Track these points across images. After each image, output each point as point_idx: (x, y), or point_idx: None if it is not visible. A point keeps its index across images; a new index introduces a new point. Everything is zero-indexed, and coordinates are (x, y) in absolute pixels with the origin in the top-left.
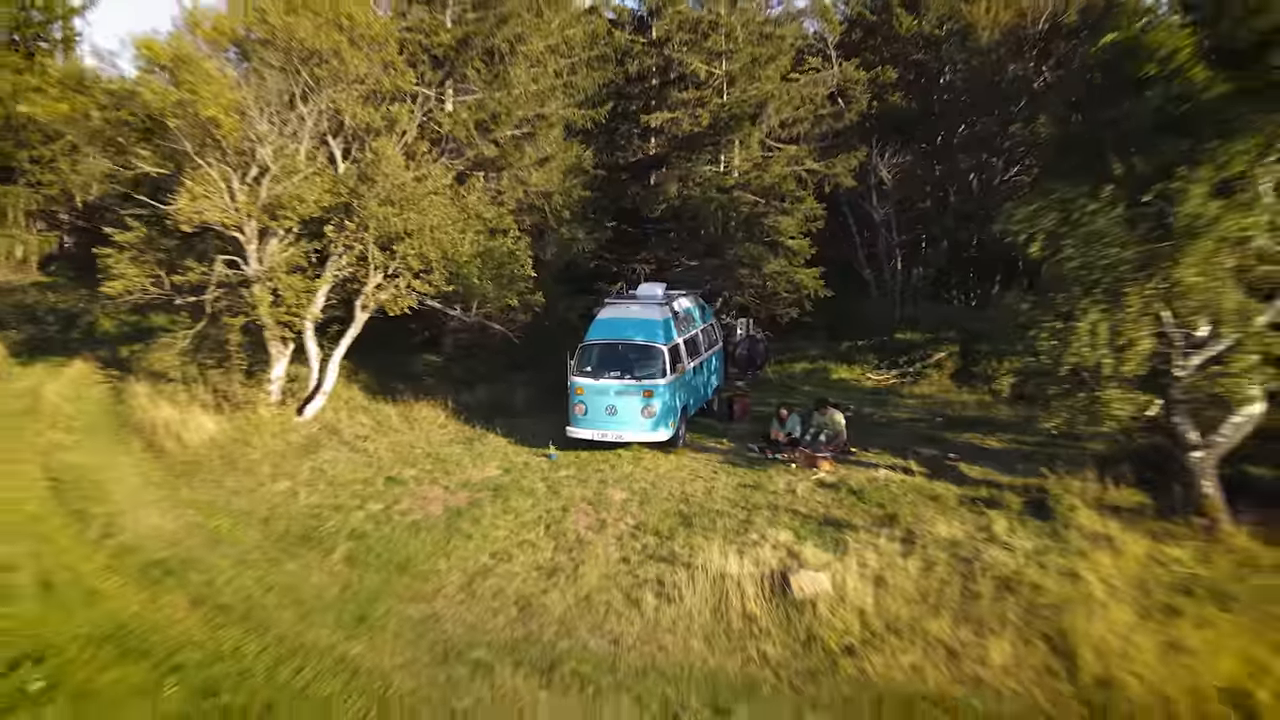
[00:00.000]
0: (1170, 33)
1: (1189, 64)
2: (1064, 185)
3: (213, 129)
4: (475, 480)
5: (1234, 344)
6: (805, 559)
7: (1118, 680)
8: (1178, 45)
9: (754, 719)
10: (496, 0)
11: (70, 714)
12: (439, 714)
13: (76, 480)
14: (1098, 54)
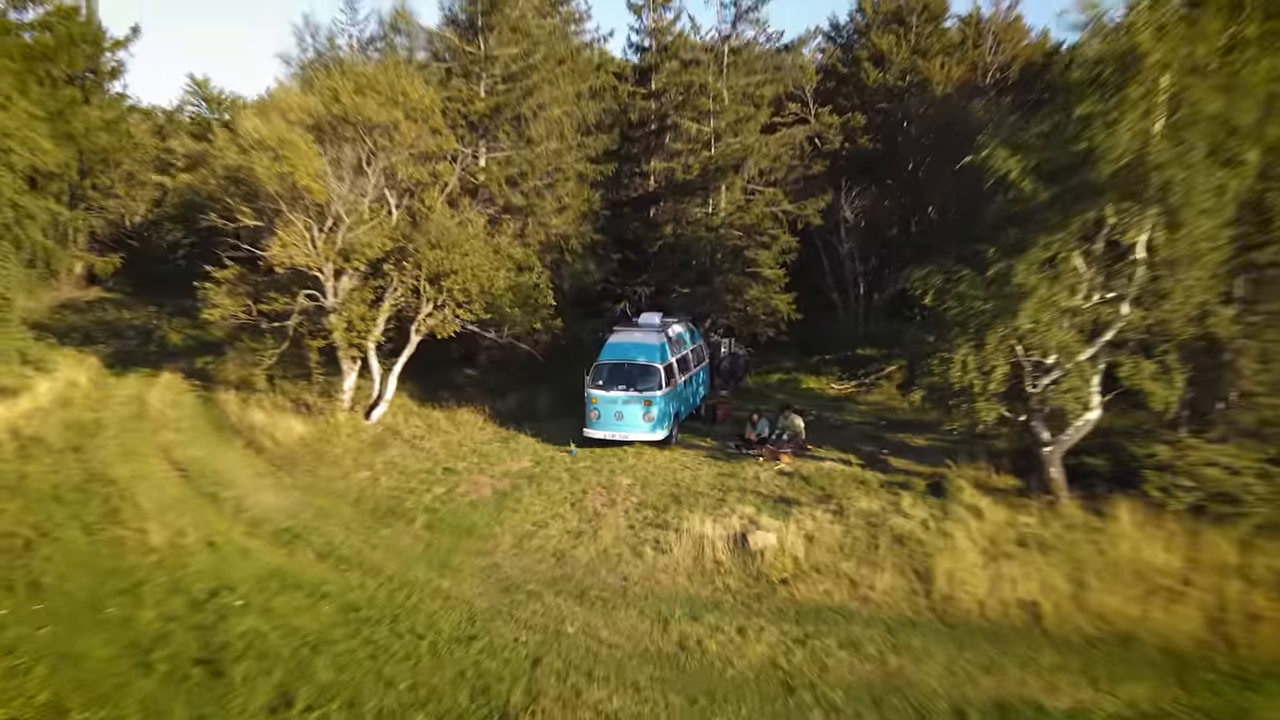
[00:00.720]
0: (1005, 158)
1: (1019, 179)
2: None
3: (303, 192)
4: (513, 470)
5: (1065, 371)
6: (760, 524)
7: (956, 596)
8: (1010, 167)
9: (717, 621)
10: (522, 75)
11: (264, 621)
12: (509, 619)
13: (200, 471)
14: (964, 167)
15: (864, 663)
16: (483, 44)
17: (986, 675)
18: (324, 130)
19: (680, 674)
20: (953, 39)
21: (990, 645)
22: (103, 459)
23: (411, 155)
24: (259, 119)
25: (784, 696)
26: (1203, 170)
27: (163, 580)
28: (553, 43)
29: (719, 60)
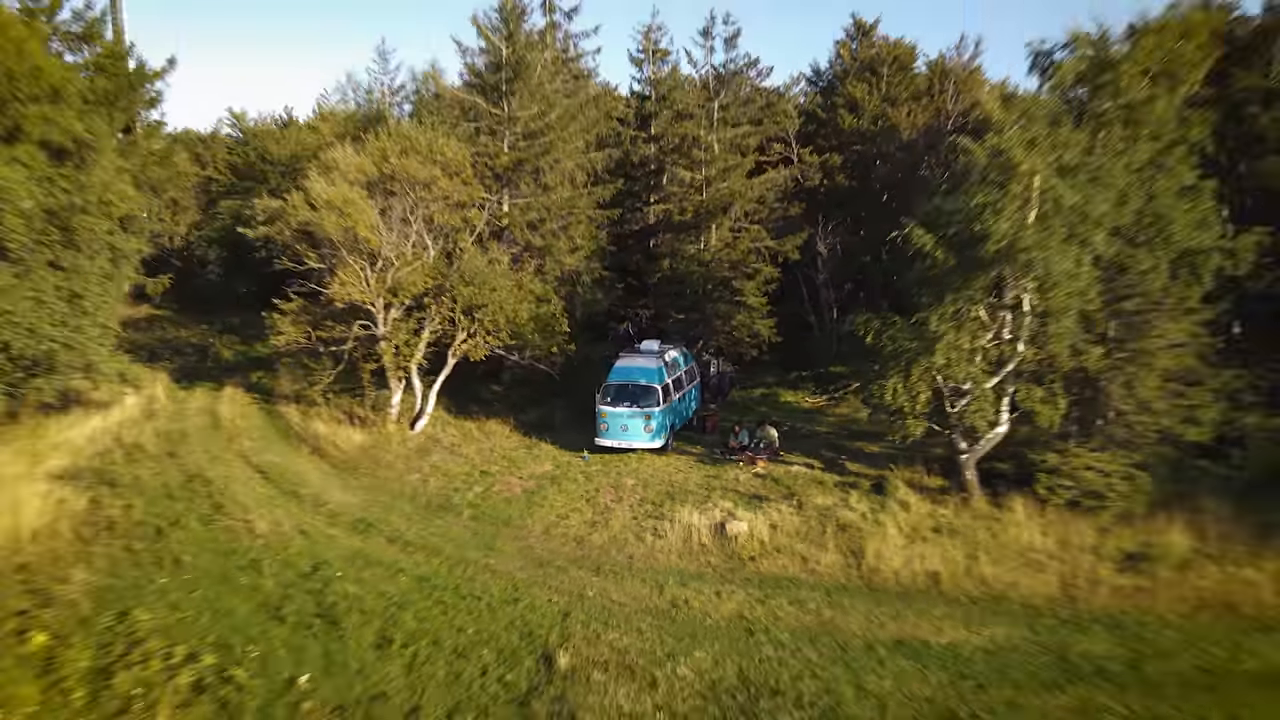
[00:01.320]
0: (922, 235)
1: (934, 249)
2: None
3: (360, 240)
4: (537, 473)
5: (975, 396)
6: (736, 515)
7: (879, 569)
8: (926, 242)
9: (700, 587)
10: (540, 133)
11: (358, 587)
12: (543, 586)
13: (278, 473)
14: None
15: (806, 615)
16: (506, 107)
17: (893, 622)
18: (374, 186)
19: (672, 623)
20: (920, 85)
21: (899, 602)
22: (196, 463)
23: (446, 204)
24: (323, 180)
25: (746, 637)
26: (1059, 250)
27: (273, 559)
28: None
29: (710, 115)
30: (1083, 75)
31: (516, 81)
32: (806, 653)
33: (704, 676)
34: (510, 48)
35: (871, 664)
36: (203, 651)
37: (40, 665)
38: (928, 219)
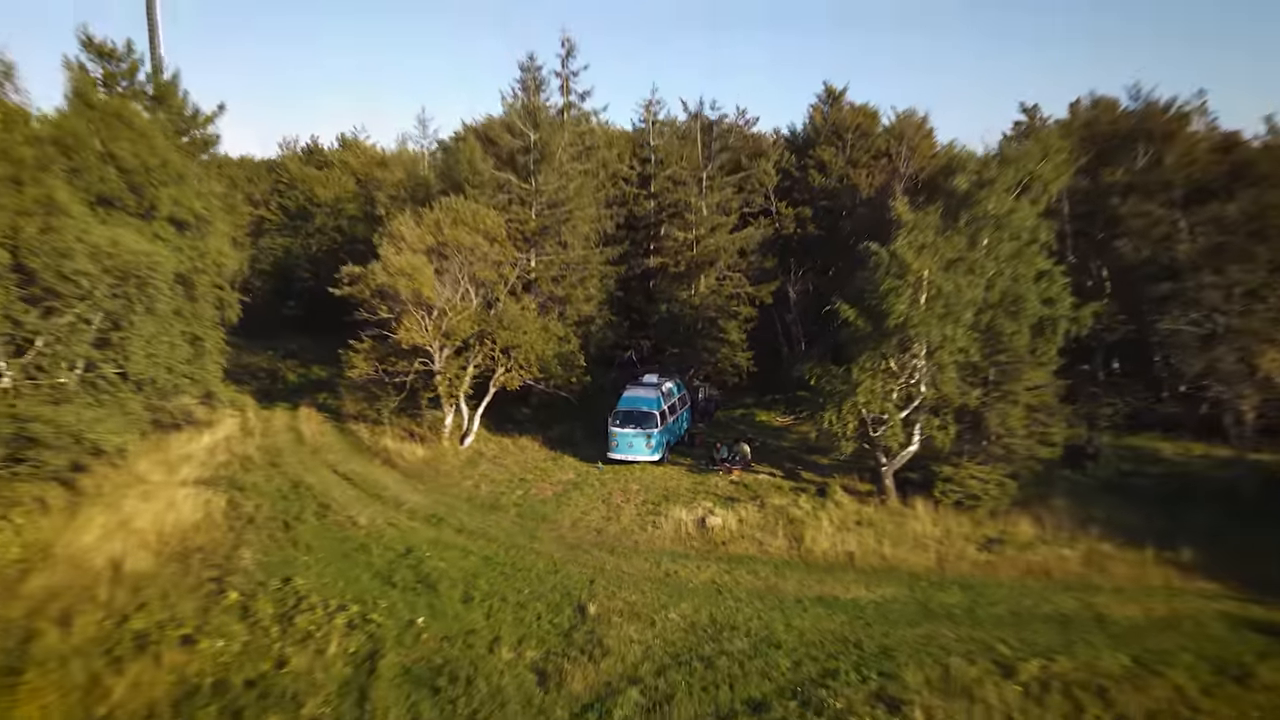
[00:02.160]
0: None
1: (855, 319)
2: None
3: (423, 297)
4: (563, 480)
5: (890, 424)
6: (714, 512)
7: (813, 550)
8: (850, 315)
9: (685, 563)
10: (561, 203)
11: (443, 564)
12: (574, 563)
13: (361, 480)
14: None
15: (758, 581)
16: (534, 182)
17: (817, 585)
18: (431, 251)
19: (665, 586)
20: (880, 147)
21: (823, 572)
22: (295, 472)
23: (486, 263)
24: (393, 249)
25: (716, 595)
26: (938, 325)
27: (376, 543)
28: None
29: (700, 183)
30: (967, 191)
31: (543, 163)
32: (756, 604)
33: (686, 619)
34: (537, 134)
35: (798, 611)
36: (347, 604)
37: (239, 613)
38: (852, 293)
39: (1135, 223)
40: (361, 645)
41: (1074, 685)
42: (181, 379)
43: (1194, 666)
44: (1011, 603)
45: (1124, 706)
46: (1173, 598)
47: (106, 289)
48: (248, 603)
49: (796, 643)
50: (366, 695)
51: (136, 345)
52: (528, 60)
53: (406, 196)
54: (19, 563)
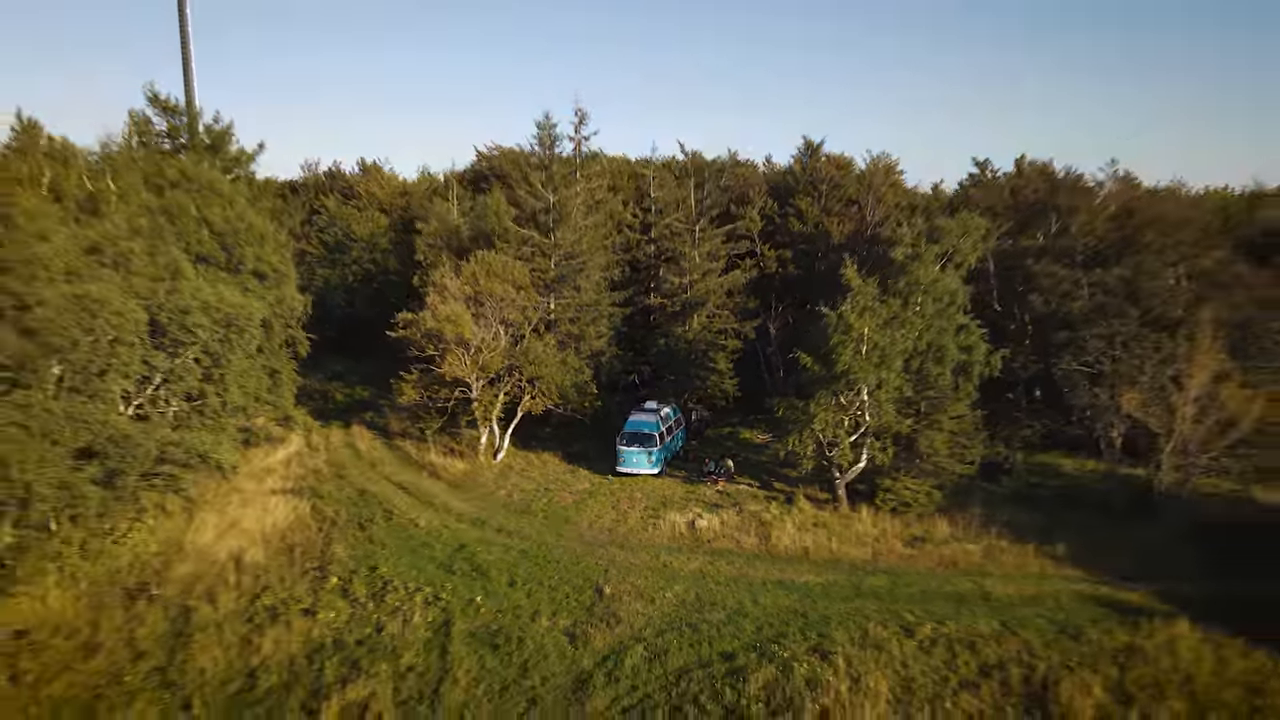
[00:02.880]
0: (806, 356)
1: (812, 365)
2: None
3: (464, 339)
4: (580, 489)
5: (840, 446)
6: (701, 516)
7: (778, 546)
8: (808, 361)
9: (678, 556)
10: (576, 255)
11: (491, 556)
12: (592, 556)
13: (414, 489)
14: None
15: (733, 569)
16: (554, 238)
17: (779, 573)
18: (469, 299)
19: (662, 574)
20: (851, 194)
21: (785, 563)
22: (358, 482)
23: (514, 306)
24: (439, 299)
25: (701, 580)
26: (873, 372)
27: (435, 541)
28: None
29: (693, 235)
30: (902, 263)
31: (562, 222)
32: (731, 587)
33: (679, 597)
34: (556, 198)
35: (763, 591)
36: (421, 586)
37: (341, 593)
38: (810, 344)
39: (1044, 281)
40: (436, 616)
41: (954, 641)
42: (265, 405)
43: (1043, 629)
44: (922, 585)
45: (986, 656)
46: (1043, 581)
47: (212, 335)
48: (346, 585)
49: (760, 614)
50: (446, 650)
51: (232, 379)
52: (544, 119)
53: (442, 245)
54: (159, 555)
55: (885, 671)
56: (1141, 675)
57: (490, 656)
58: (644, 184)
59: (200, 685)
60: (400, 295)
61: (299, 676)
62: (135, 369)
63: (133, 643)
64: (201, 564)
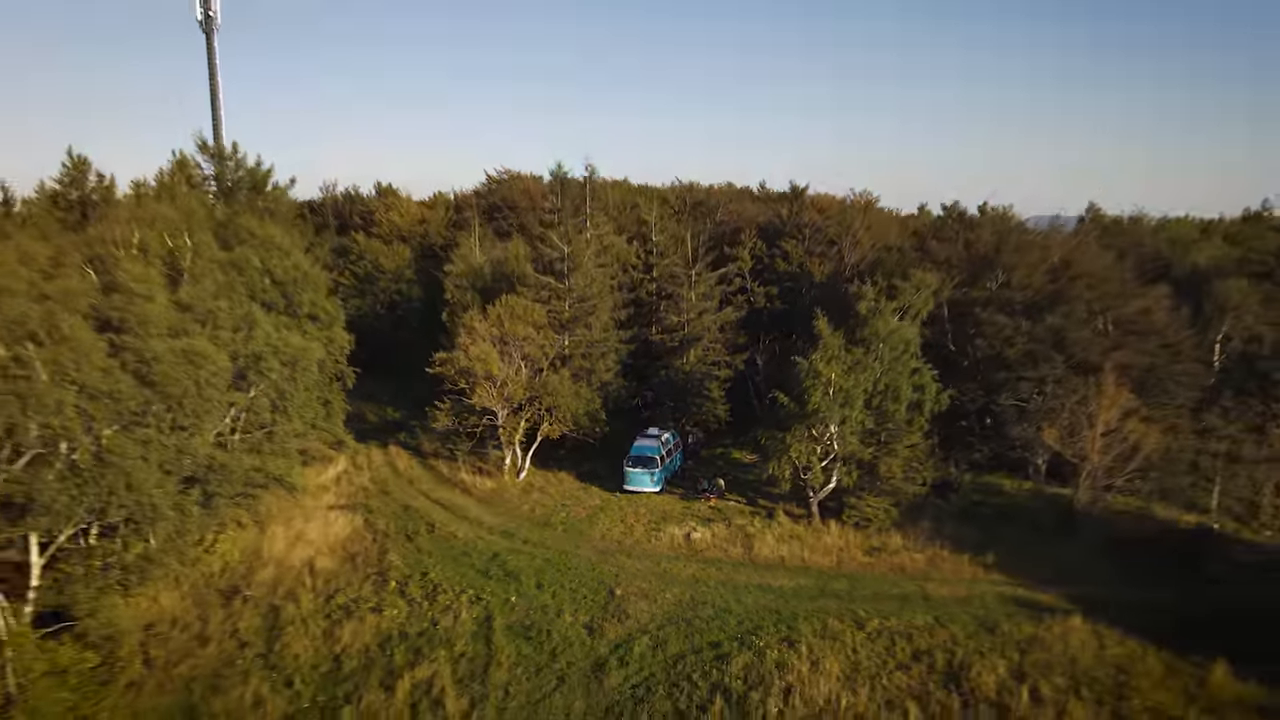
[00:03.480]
0: (782, 396)
1: (788, 403)
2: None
3: (491, 373)
4: (592, 505)
5: (812, 470)
6: (695, 529)
7: (760, 555)
8: (784, 400)
9: (676, 563)
10: (588, 299)
11: (520, 563)
12: (605, 563)
13: (448, 505)
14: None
15: (722, 575)
16: (568, 284)
17: (759, 578)
18: (495, 339)
19: (662, 578)
20: (832, 236)
21: (764, 570)
22: (401, 498)
23: (533, 344)
24: (469, 340)
25: (694, 584)
26: (837, 411)
27: (472, 550)
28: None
29: (689, 279)
30: (864, 315)
31: (576, 270)
32: (719, 590)
33: (676, 598)
34: (570, 249)
35: (745, 593)
36: (465, 588)
37: (399, 594)
38: (786, 384)
39: (988, 328)
40: (480, 613)
41: (895, 633)
42: (320, 430)
43: (967, 623)
44: (875, 588)
45: (919, 644)
46: (974, 585)
47: (280, 374)
48: (403, 588)
49: (742, 611)
50: (489, 640)
51: (294, 410)
52: (557, 168)
53: (467, 285)
54: (242, 563)
55: (838, 656)
56: (1037, 659)
57: (525, 645)
58: (646, 229)
59: (297, 668)
60: (423, 320)
61: (374, 661)
62: (223, 408)
63: (236, 634)
64: (280, 570)
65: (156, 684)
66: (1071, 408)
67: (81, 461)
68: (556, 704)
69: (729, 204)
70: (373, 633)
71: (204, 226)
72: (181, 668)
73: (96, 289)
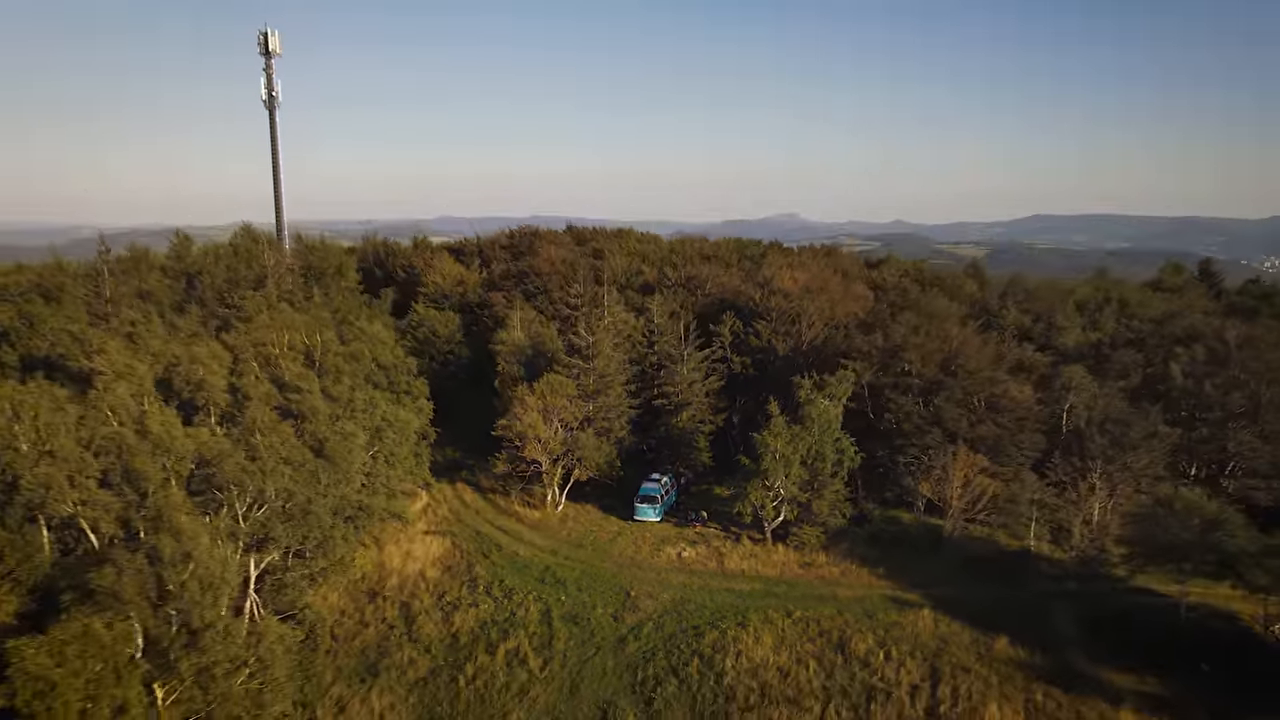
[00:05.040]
0: (744, 458)
1: (750, 464)
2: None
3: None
4: (612, 530)
5: (765, 509)
6: (685, 549)
7: (729, 569)
8: (746, 460)
9: (671, 574)
10: (605, 375)
11: (567, 573)
12: (623, 573)
13: (508, 530)
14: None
15: (702, 582)
16: (592, 365)
17: (726, 584)
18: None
19: (661, 584)
20: (793, 316)
21: (730, 579)
22: (472, 525)
23: (567, 411)
24: (521, 410)
25: (683, 588)
26: (783, 470)
27: (532, 564)
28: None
29: (682, 359)
30: (802, 400)
31: (598, 354)
32: (700, 592)
33: (671, 598)
34: (593, 337)
35: (716, 594)
36: (529, 591)
37: (486, 594)
38: (748, 450)
39: (892, 405)
40: (542, 607)
41: (810, 619)
42: (413, 475)
43: (857, 613)
44: (804, 590)
45: (824, 626)
46: (868, 589)
47: (393, 439)
48: (488, 590)
49: (713, 606)
50: (550, 624)
51: (398, 462)
52: (579, 290)
53: (515, 359)
54: (373, 575)
55: (771, 634)
56: (895, 634)
57: (573, 627)
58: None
59: (429, 642)
60: (470, 373)
61: (478, 637)
62: (361, 466)
63: (385, 620)
64: (401, 578)
65: (344, 651)
66: (941, 466)
67: (290, 509)
68: (595, 663)
69: (716, 277)
70: (474, 620)
71: (328, 326)
72: (355, 642)
73: (271, 381)
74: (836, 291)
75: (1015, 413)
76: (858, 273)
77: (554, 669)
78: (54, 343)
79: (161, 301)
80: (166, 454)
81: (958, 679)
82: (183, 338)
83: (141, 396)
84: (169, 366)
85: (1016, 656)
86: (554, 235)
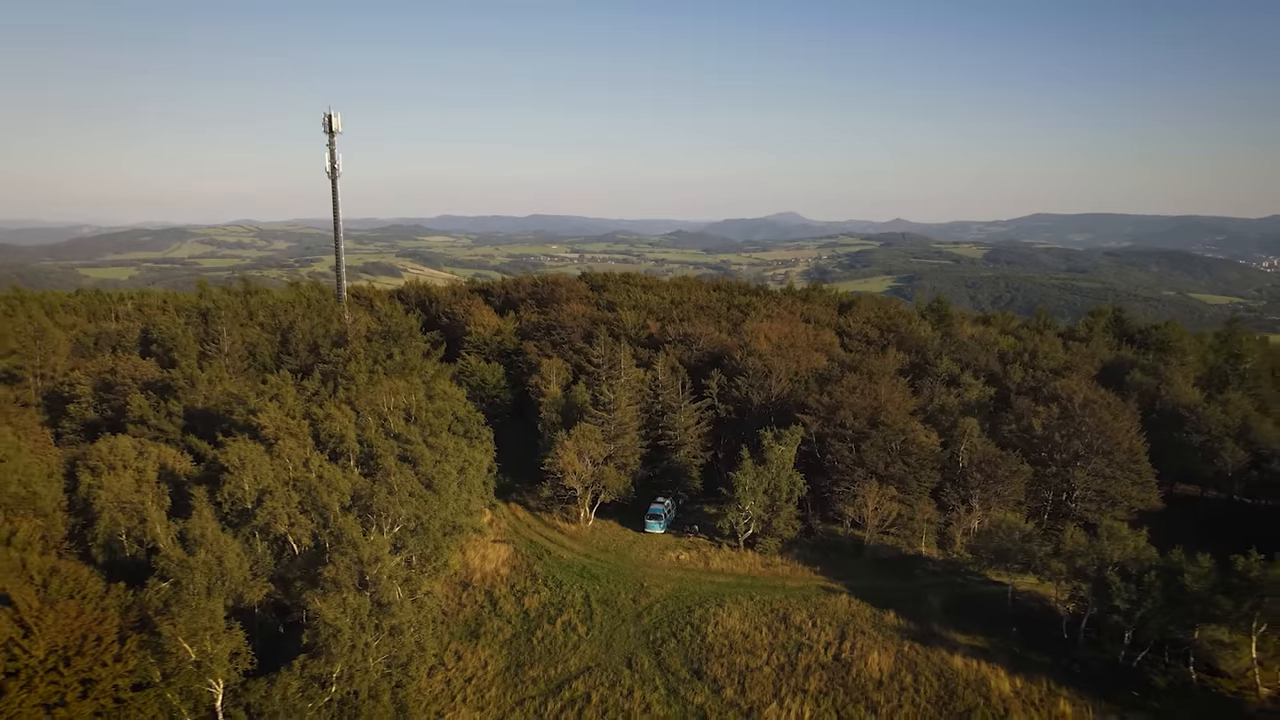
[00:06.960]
0: (725, 490)
1: (726, 491)
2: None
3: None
4: (629, 539)
5: (740, 524)
6: (683, 552)
7: (714, 569)
8: (725, 492)
9: (673, 571)
10: (623, 422)
11: (602, 570)
12: (643, 573)
13: (553, 540)
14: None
15: (693, 578)
16: (614, 415)
17: (710, 578)
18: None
19: (665, 578)
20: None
21: (713, 575)
22: (526, 535)
23: (595, 451)
24: (562, 451)
25: (681, 581)
26: (753, 498)
27: (572, 564)
28: (632, 414)
29: (679, 408)
30: (767, 445)
31: (617, 407)
32: (692, 584)
33: (672, 588)
34: (615, 395)
35: (703, 586)
36: (574, 582)
37: (544, 585)
38: (727, 483)
39: (832, 448)
40: (584, 593)
41: (765, 602)
42: (482, 498)
43: (797, 598)
44: (764, 584)
45: (775, 606)
46: (808, 581)
47: (472, 475)
48: (545, 581)
49: (700, 593)
50: (590, 605)
51: (473, 490)
52: (599, 354)
53: (554, 409)
54: (462, 572)
55: (739, 610)
56: (820, 611)
57: (606, 608)
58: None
59: (509, 616)
60: (511, 413)
61: (542, 613)
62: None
63: (477, 604)
64: (482, 574)
65: (452, 622)
66: (862, 495)
67: (415, 527)
68: (622, 630)
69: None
70: (538, 601)
71: (419, 389)
72: (459, 616)
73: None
74: (803, 345)
75: (920, 455)
76: (828, 319)
77: (595, 633)
78: (207, 396)
79: (264, 354)
80: (332, 490)
81: (857, 638)
82: (310, 395)
83: (306, 448)
84: (315, 422)
85: (898, 625)
86: (572, 285)
